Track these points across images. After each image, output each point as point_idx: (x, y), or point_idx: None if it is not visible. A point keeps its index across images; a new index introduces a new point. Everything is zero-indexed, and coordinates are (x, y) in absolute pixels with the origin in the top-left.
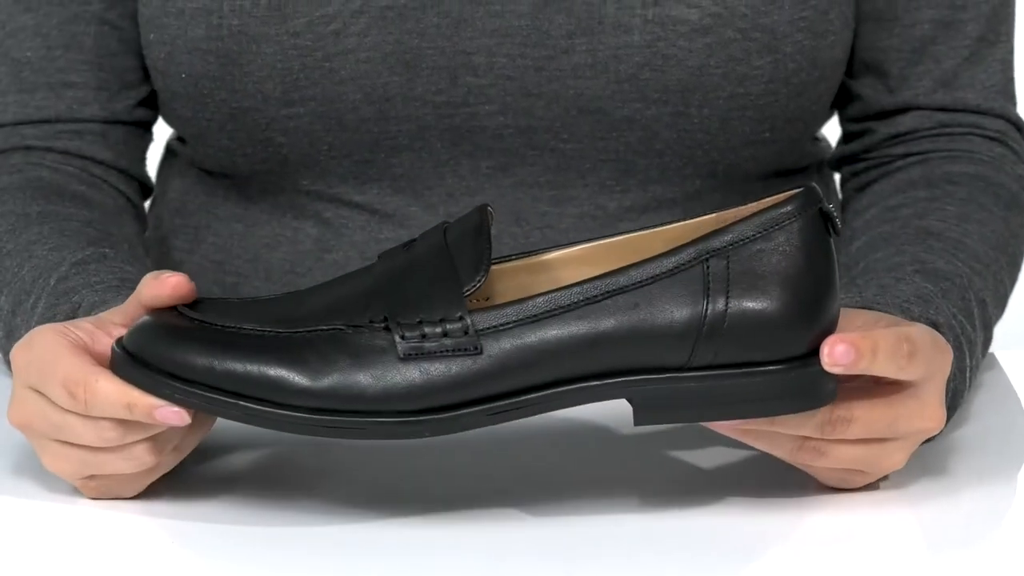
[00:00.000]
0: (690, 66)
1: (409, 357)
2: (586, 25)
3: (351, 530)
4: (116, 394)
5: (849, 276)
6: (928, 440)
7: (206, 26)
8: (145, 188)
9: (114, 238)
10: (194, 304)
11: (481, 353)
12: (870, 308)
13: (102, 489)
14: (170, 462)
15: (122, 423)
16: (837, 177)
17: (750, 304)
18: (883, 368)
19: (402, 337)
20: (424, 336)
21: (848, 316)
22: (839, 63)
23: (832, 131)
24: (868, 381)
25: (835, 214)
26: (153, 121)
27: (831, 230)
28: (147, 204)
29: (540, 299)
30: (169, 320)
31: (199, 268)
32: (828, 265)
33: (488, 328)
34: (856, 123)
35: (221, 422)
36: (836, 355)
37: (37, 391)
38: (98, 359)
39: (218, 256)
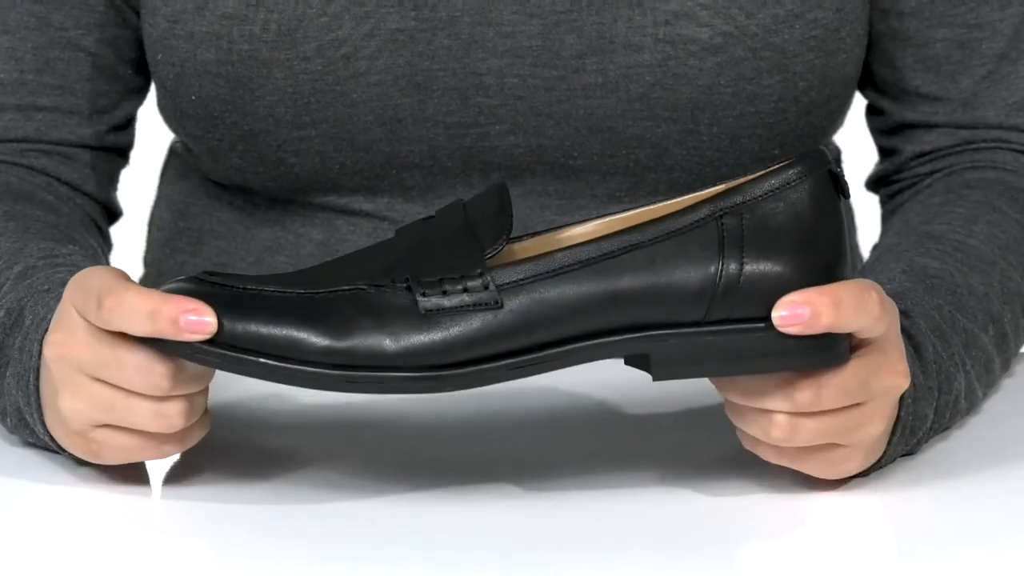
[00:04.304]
0: (700, 85)
1: (430, 313)
2: (597, 45)
3: (355, 514)
4: (141, 300)
5: None
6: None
7: (216, 50)
8: (111, 213)
9: (78, 241)
10: (213, 274)
11: (501, 307)
12: None
13: (103, 447)
14: (175, 448)
15: (174, 374)
16: (876, 199)
17: (764, 260)
18: (853, 321)
19: (423, 295)
20: (445, 293)
21: None
22: (850, 80)
23: (855, 144)
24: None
25: (843, 175)
26: (128, 146)
27: (840, 192)
28: (149, 214)
29: (559, 254)
30: (190, 286)
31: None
32: (838, 224)
33: (507, 283)
34: (883, 136)
35: (227, 416)
36: (783, 319)
37: (83, 317)
38: None
39: (221, 259)
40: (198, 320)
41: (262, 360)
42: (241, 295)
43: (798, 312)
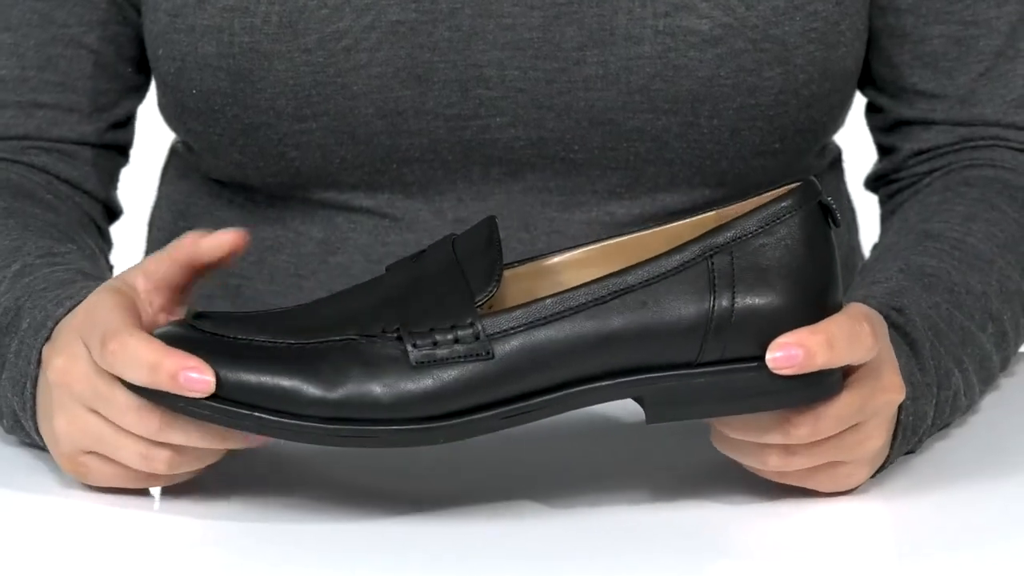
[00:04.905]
0: (700, 77)
1: (421, 365)
2: (597, 37)
3: (354, 527)
4: (144, 350)
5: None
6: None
7: (217, 43)
8: (111, 212)
9: (77, 242)
10: (203, 317)
11: (492, 357)
12: None
13: (91, 471)
14: (161, 483)
15: (167, 421)
16: (875, 198)
17: (755, 298)
18: (847, 356)
19: (414, 346)
20: (436, 344)
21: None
22: (851, 74)
23: (856, 144)
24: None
25: (834, 206)
26: (128, 144)
27: (831, 222)
28: (149, 214)
29: (548, 301)
30: (181, 333)
31: None
32: (829, 256)
33: (498, 332)
34: (882, 134)
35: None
36: (777, 361)
37: (87, 346)
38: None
39: None
40: (199, 378)
41: (256, 415)
42: (231, 344)
43: (792, 354)
